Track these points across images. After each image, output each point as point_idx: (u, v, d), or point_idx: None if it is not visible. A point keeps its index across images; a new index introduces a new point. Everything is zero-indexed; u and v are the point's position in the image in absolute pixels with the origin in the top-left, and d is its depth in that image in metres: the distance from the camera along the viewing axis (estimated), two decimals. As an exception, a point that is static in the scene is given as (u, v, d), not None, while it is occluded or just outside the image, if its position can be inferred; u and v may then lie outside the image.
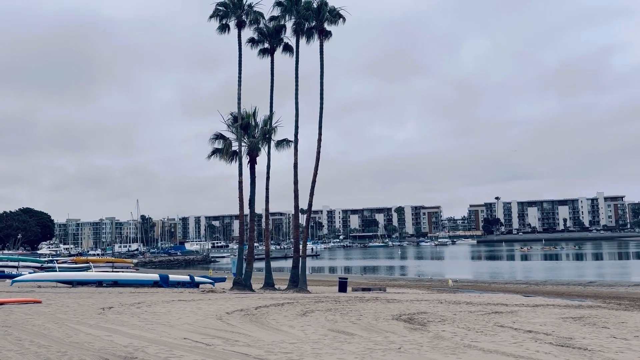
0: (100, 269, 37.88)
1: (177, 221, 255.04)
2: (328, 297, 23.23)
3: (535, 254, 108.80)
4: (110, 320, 13.05)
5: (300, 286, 27.77)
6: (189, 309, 16.57)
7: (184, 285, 29.50)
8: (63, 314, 14.20)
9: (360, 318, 14.90)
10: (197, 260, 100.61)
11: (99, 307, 16.29)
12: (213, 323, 13.10)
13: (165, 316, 14.36)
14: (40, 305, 16.66)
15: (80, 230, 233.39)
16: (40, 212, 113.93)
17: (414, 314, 16.32)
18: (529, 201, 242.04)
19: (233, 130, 29.67)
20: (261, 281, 32.12)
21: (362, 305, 18.98)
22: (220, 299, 21.33)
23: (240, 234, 29.69)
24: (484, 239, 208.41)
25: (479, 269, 68.90)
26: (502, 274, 59.07)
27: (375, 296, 24.49)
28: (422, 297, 24.15)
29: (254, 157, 29.68)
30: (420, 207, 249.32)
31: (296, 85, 29.83)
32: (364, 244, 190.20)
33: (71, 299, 19.47)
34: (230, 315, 15.13)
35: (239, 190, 28.98)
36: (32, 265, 39.86)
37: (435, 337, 11.32)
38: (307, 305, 18.99)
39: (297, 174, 29.28)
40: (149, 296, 21.48)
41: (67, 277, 28.53)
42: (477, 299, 23.52)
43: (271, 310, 16.92)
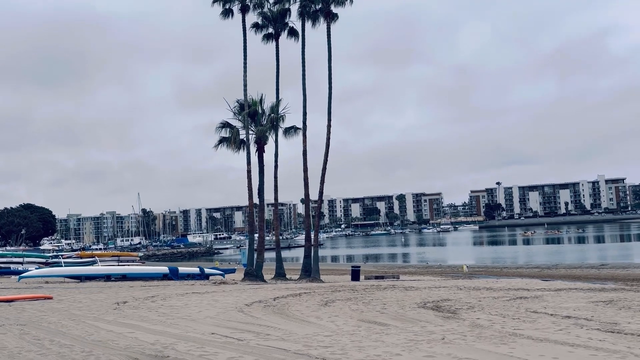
0: (106, 263, 37.35)
1: (178, 214, 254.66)
2: (344, 286, 22.68)
3: (538, 238, 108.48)
4: (128, 315, 12.47)
5: (313, 275, 27.24)
6: (205, 302, 16.00)
7: (193, 278, 28.91)
8: (77, 310, 13.61)
9: (386, 307, 14.34)
10: (200, 252, 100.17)
11: (112, 302, 15.71)
12: (236, 316, 12.53)
13: (184, 310, 13.78)
14: (51, 301, 16.08)
15: (81, 225, 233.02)
16: (41, 207, 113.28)
17: (438, 302, 15.77)
18: (530, 185, 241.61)
19: (240, 118, 28.96)
20: (271, 272, 31.58)
21: (381, 294, 18.42)
22: (234, 290, 20.78)
23: (250, 224, 29.09)
24: (485, 224, 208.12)
25: (486, 255, 68.48)
26: (510, 258, 58.64)
27: (391, 284, 23.91)
28: (440, 284, 23.58)
29: (262, 146, 28.99)
30: (421, 195, 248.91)
31: (303, 70, 29.10)
32: (366, 233, 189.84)
33: (82, 294, 18.90)
34: (250, 307, 14.57)
35: (248, 180, 28.35)
36: (37, 261, 39.25)
37: (473, 325, 10.75)
38: (325, 295, 18.43)
39: (307, 161, 28.61)
40: (161, 289, 20.91)
41: (74, 272, 27.96)
42: (496, 285, 22.97)
43: (290, 300, 16.35)
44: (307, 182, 28.57)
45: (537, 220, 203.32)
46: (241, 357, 7.32)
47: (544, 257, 56.81)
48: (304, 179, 28.56)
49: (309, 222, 30.47)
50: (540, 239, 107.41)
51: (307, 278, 27.16)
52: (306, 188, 28.64)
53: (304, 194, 28.73)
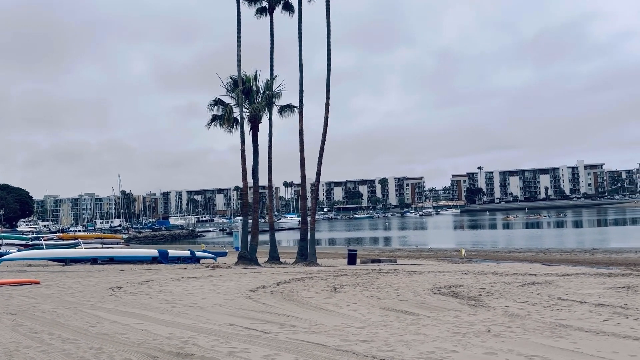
0: (90, 245, 36.01)
1: (158, 196, 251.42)
2: (344, 271, 21.87)
3: (520, 222, 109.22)
4: (128, 303, 11.41)
5: (310, 259, 26.34)
6: (206, 287, 15.00)
7: (184, 261, 27.82)
8: (70, 297, 12.50)
9: (400, 294, 13.51)
10: (183, 235, 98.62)
11: (106, 288, 14.62)
12: (245, 303, 11.57)
13: (187, 296, 12.77)
14: (39, 286, 14.91)
15: (59, 206, 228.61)
16: (18, 188, 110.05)
17: (450, 287, 15.04)
18: (510, 170, 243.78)
19: (233, 95, 27.67)
20: (263, 255, 30.62)
21: (386, 279, 17.62)
22: (232, 274, 19.80)
23: (244, 206, 28.01)
24: (467, 208, 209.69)
25: (473, 238, 68.35)
26: (498, 242, 58.54)
27: (392, 268, 23.14)
28: (442, 269, 22.88)
29: (257, 124, 27.80)
30: (403, 179, 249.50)
31: (300, 44, 27.87)
32: (349, 216, 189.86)
33: (70, 278, 17.73)
34: (256, 293, 13.64)
35: (242, 160, 27.19)
36: (16, 243, 37.73)
37: (508, 314, 9.96)
38: (329, 279, 17.57)
39: (303, 141, 27.54)
40: (154, 273, 19.82)
41: (59, 254, 26.63)
42: (500, 269, 22.35)
43: (295, 286, 15.44)
44: (304, 162, 27.52)
45: (518, 205, 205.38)
46: (277, 354, 6.36)
47: (532, 241, 56.78)
48: (301, 159, 27.50)
49: (305, 205, 29.50)
50: (522, 223, 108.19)
51: (303, 262, 26.26)
52: (302, 169, 27.59)
53: (301, 175, 27.68)
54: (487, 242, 58.62)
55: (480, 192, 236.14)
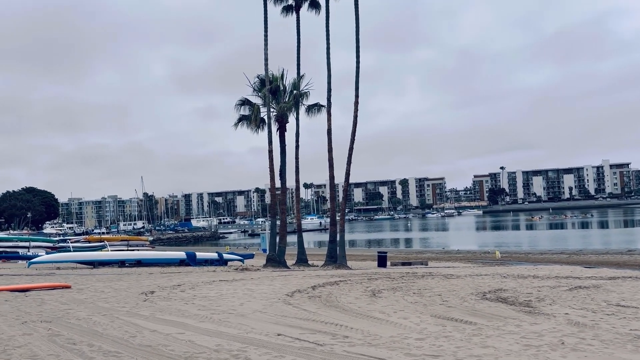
0: (116, 247, 35.88)
1: (179, 198, 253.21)
2: (377, 273, 21.22)
3: (544, 223, 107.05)
4: (164, 309, 10.91)
5: (340, 262, 25.71)
6: (240, 292, 14.48)
7: (212, 263, 27.42)
8: (104, 302, 12.05)
9: (446, 299, 12.80)
10: (205, 236, 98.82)
11: (138, 292, 14.17)
12: (285, 309, 10.98)
13: (223, 302, 12.24)
14: (70, 291, 14.52)
15: (83, 209, 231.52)
16: (43, 191, 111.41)
17: (495, 292, 14.29)
18: (533, 170, 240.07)
19: (260, 95, 27.19)
20: (291, 257, 30.11)
21: (423, 283, 16.90)
22: (263, 277, 19.27)
23: (272, 208, 27.50)
24: (489, 209, 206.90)
25: (499, 239, 66.94)
26: (526, 243, 57.23)
27: (426, 271, 22.40)
28: (478, 272, 22.08)
29: (284, 124, 27.28)
30: (424, 179, 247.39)
31: (327, 43, 27.25)
32: (370, 217, 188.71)
33: (100, 282, 17.36)
34: (293, 298, 13.05)
35: (269, 160, 26.69)
36: (43, 245, 37.76)
37: (573, 323, 9.20)
38: (364, 283, 16.93)
39: (331, 140, 26.92)
40: (184, 276, 19.38)
41: (87, 257, 26.42)
42: (539, 272, 21.46)
43: (332, 290, 14.83)
44: (332, 162, 26.91)
45: (541, 205, 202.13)
46: (341, 372, 5.75)
47: (560, 243, 55.38)
48: (329, 159, 26.88)
49: (334, 206, 28.89)
50: (547, 223, 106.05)
51: (333, 264, 25.64)
52: (331, 169, 26.98)
53: (329, 175, 27.08)
54: (513, 244, 57.31)
55: (503, 192, 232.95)
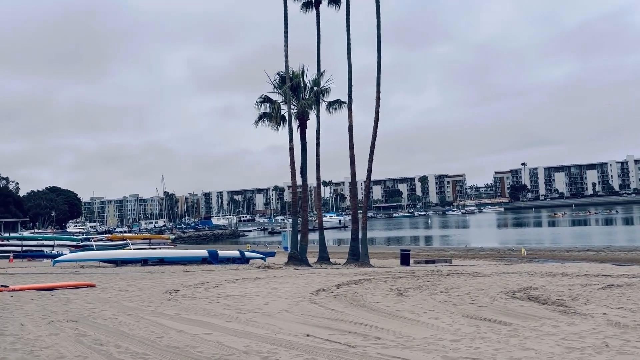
0: (138, 246, 36.07)
1: (200, 196, 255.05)
2: (400, 272, 20.90)
3: (568, 220, 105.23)
4: (190, 308, 10.77)
5: (362, 260, 25.43)
6: (264, 290, 14.30)
7: (234, 262, 27.38)
8: (128, 302, 11.97)
9: (476, 299, 12.45)
10: (225, 234, 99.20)
11: (162, 291, 14.09)
12: (312, 309, 10.76)
13: (248, 300, 12.08)
14: (95, 289, 14.51)
15: (105, 208, 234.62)
16: (67, 190, 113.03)
17: (525, 290, 13.90)
18: (555, 166, 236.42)
19: (281, 92, 27.01)
20: (312, 255, 29.90)
21: (449, 281, 16.55)
22: (286, 276, 19.10)
23: (293, 205, 27.32)
24: (511, 206, 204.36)
25: (522, 237, 65.92)
26: (550, 240, 56.25)
27: (452, 269, 22.00)
28: (505, 269, 21.60)
29: (305, 121, 27.06)
30: (444, 176, 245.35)
31: (348, 39, 26.96)
32: (389, 215, 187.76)
33: (124, 280, 17.36)
34: (318, 297, 12.84)
35: (290, 158, 26.50)
36: (67, 244, 38.18)
37: (613, 324, 8.82)
38: (388, 282, 16.64)
39: (353, 137, 26.64)
40: (208, 275, 19.31)
41: (110, 255, 26.58)
42: (568, 270, 20.93)
43: (356, 289, 14.58)
44: (354, 159, 26.63)
45: (564, 202, 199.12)
46: (377, 375, 5.50)
47: (585, 240, 54.29)
48: (350, 156, 26.60)
49: (355, 203, 28.61)
50: (570, 220, 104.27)
51: (355, 262, 25.37)
52: (352, 166, 26.69)
53: (351, 173, 26.80)
54: (536, 241, 56.33)
55: (525, 189, 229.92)
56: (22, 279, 18.21)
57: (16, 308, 10.74)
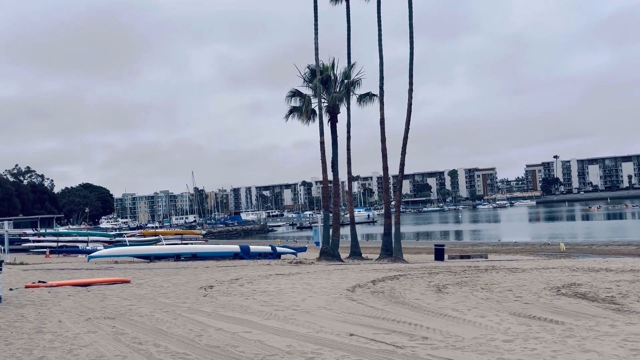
0: (170, 241, 36.37)
1: (228, 192, 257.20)
2: (436, 267, 20.41)
3: (603, 214, 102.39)
4: (226, 305, 10.58)
5: (396, 255, 25.02)
6: (299, 286, 14.05)
7: (265, 257, 27.26)
8: (164, 298, 11.86)
9: (519, 295, 11.97)
10: (255, 229, 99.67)
11: (197, 287, 13.96)
12: (352, 306, 10.45)
13: (284, 297, 11.83)
14: (130, 285, 14.49)
15: (136, 204, 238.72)
16: (99, 187, 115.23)
17: (570, 287, 13.31)
18: (589, 159, 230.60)
19: (311, 85, 26.70)
20: (344, 250, 29.59)
21: (488, 277, 16.02)
22: (319, 271, 18.84)
23: (325, 200, 27.05)
24: (543, 199, 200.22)
25: (556, 231, 64.37)
26: (585, 235, 54.73)
27: (489, 265, 21.43)
28: (544, 265, 20.94)
29: (335, 115, 26.72)
30: (474, 170, 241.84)
31: (379, 30, 26.46)
32: (418, 209, 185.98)
33: (158, 276, 17.34)
34: (355, 293, 12.53)
35: (321, 152, 26.20)
36: (101, 239, 38.73)
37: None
38: (425, 277, 16.21)
39: (384, 130, 26.18)
40: (241, 270, 19.19)
41: (143, 251, 26.76)
42: (612, 265, 20.13)
43: (393, 285, 14.20)
44: (386, 153, 26.17)
45: (598, 195, 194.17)
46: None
47: (623, 234, 52.63)
48: (382, 149, 26.16)
49: (388, 198, 28.18)
50: (605, 214, 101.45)
51: (388, 257, 24.98)
52: (384, 160, 26.25)
53: (383, 167, 26.37)
54: (570, 235, 54.83)
55: (557, 182, 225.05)
56: (58, 274, 18.40)
57: (54, 304, 10.72)
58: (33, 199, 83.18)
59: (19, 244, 36.95)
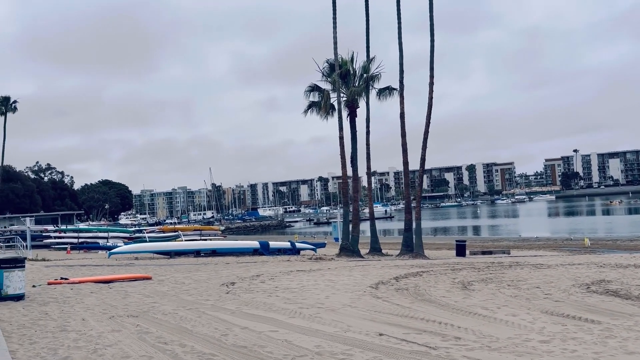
0: (189, 237, 36.40)
1: (245, 188, 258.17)
2: (459, 263, 20.10)
3: (624, 208, 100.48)
4: (249, 302, 10.42)
5: (417, 251, 24.69)
6: (321, 283, 13.87)
7: (285, 253, 27.15)
8: (186, 294, 11.75)
9: (549, 293, 11.65)
10: (272, 225, 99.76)
11: (219, 284, 13.85)
12: (377, 304, 10.22)
13: (307, 294, 11.66)
14: (152, 282, 14.43)
15: (155, 200, 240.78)
16: (118, 183, 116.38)
17: (600, 283, 12.96)
18: (610, 152, 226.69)
19: (330, 80, 26.43)
20: (363, 246, 29.34)
21: (513, 274, 15.69)
22: (340, 267, 18.64)
23: (344, 195, 26.80)
24: (562, 194, 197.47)
25: (577, 226, 63.30)
26: (608, 230, 53.70)
27: (513, 261, 21.02)
28: (570, 260, 20.46)
29: (355, 109, 26.43)
30: (492, 164, 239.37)
31: (399, 23, 26.07)
32: (436, 205, 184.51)
33: (179, 272, 17.29)
34: (379, 291, 12.31)
35: (340, 147, 25.95)
36: (120, 235, 38.93)
37: None
38: (448, 274, 15.93)
39: (405, 125, 25.83)
40: (261, 266, 19.07)
41: (164, 247, 26.79)
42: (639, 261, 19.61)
43: (417, 282, 13.95)
44: (406, 147, 25.85)
45: (619, 189, 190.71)
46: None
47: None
48: (402, 144, 25.83)
49: (408, 193, 27.85)
50: (627, 208, 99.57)
51: (409, 253, 24.67)
52: (405, 155, 25.92)
53: (403, 161, 26.05)
54: (591, 230, 53.74)
55: (577, 176, 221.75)
56: (80, 271, 18.45)
57: (77, 302, 10.66)
58: (53, 195, 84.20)
59: (41, 240, 37.31)
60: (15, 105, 55.48)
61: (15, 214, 61.63)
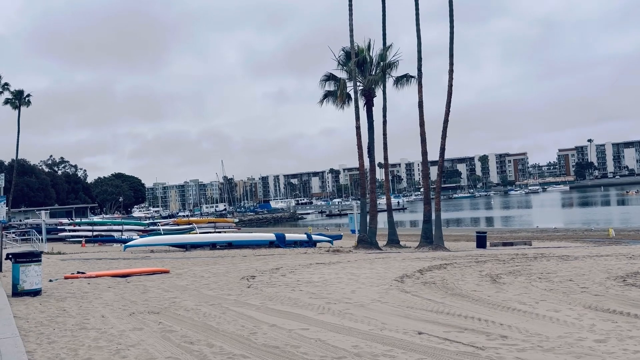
0: (204, 229, 36.16)
1: (257, 180, 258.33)
2: (482, 255, 19.57)
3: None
4: (274, 297, 9.99)
5: (437, 243, 24.15)
6: (344, 277, 13.43)
7: (301, 245, 26.75)
8: (207, 289, 11.35)
9: (584, 286, 11.15)
10: (284, 217, 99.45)
11: (239, 277, 13.46)
12: (407, 299, 9.75)
13: (332, 288, 11.22)
14: (170, 276, 14.07)
15: (167, 193, 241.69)
16: (131, 176, 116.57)
17: (635, 275, 12.44)
18: (625, 142, 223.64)
19: (346, 69, 25.86)
20: (380, 238, 28.86)
21: (540, 266, 15.17)
22: (359, 260, 18.20)
23: (362, 187, 26.27)
24: (577, 184, 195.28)
25: (594, 216, 62.24)
26: (625, 220, 52.69)
27: (537, 252, 20.43)
28: (597, 252, 19.85)
29: (371, 98, 25.85)
30: (505, 155, 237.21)
31: (416, 10, 25.40)
32: (448, 196, 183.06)
33: (197, 266, 16.94)
34: (405, 284, 11.88)
35: (357, 137, 25.42)
36: (135, 228, 38.79)
37: None
38: (473, 266, 15.43)
39: (423, 114, 25.22)
40: (279, 259, 18.66)
41: (180, 240, 26.49)
42: (670, 252, 18.94)
43: (443, 275, 13.49)
44: (424, 137, 25.25)
45: (635, 179, 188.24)
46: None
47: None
48: (421, 133, 25.23)
49: (427, 184, 27.29)
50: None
51: (429, 245, 24.14)
52: (423, 145, 25.33)
53: (422, 151, 25.45)
54: (605, 221, 52.73)
55: (591, 166, 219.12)
56: (96, 264, 18.17)
57: (95, 297, 10.30)
58: (67, 189, 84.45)
59: (56, 234, 37.27)
60: (29, 99, 55.41)
61: (30, 207, 61.84)
